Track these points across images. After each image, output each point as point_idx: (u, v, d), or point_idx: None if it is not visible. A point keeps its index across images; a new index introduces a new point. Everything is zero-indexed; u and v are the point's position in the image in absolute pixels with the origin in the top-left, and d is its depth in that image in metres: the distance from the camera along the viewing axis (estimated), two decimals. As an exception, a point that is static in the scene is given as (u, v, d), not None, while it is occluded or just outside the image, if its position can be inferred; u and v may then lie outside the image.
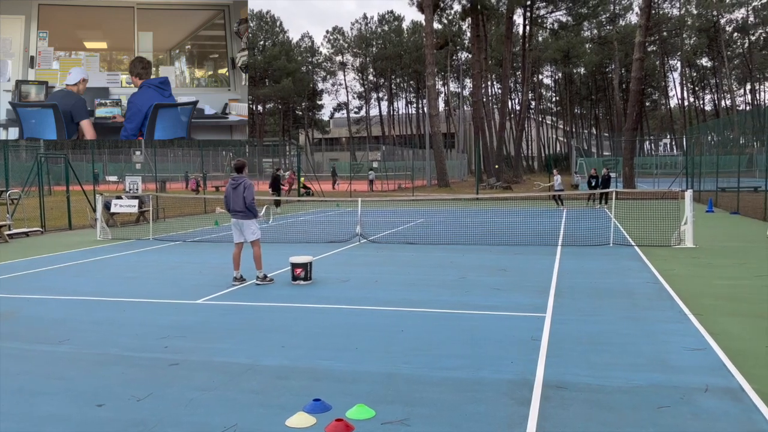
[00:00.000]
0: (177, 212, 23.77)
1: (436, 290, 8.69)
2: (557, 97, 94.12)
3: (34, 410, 4.53)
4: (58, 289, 9.24)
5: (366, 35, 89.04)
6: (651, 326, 6.58)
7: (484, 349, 5.82)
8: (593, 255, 11.79)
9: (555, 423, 4.14)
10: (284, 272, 9.90)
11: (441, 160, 44.47)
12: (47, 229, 18.03)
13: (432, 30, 45.85)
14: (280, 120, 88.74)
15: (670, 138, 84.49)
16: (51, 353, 5.97)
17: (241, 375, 5.22)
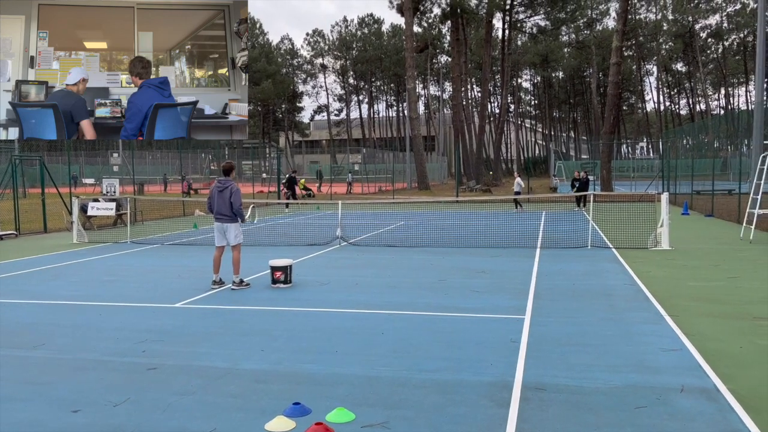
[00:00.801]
0: (155, 215, 23.51)
1: (416, 293, 8.71)
2: (536, 100, 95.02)
3: (8, 416, 4.44)
4: (33, 293, 9.09)
5: (346, 38, 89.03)
6: (628, 327, 6.66)
7: (464, 352, 5.85)
8: (572, 257, 11.90)
9: (534, 424, 4.17)
10: (264, 275, 9.84)
11: (421, 163, 44.59)
12: (22, 232, 17.73)
13: (412, 33, 45.99)
14: (260, 122, 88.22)
15: (646, 141, 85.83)
16: (25, 358, 5.87)
17: (220, 379, 5.17)
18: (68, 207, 18.37)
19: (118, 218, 19.53)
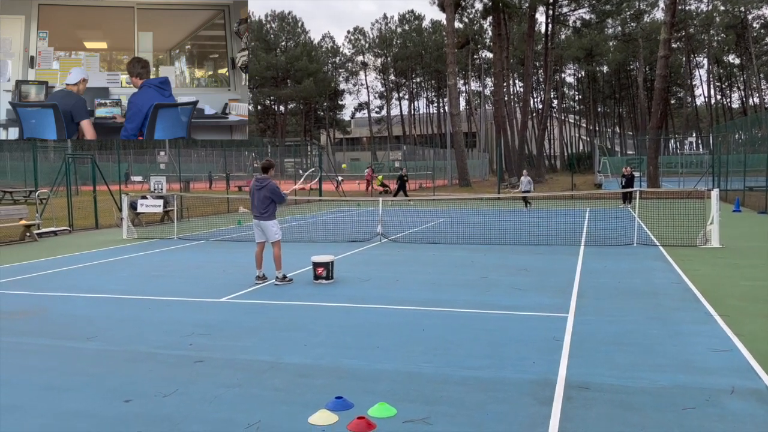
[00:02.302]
0: (200, 212, 24.04)
1: (457, 290, 8.68)
2: (580, 95, 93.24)
3: (62, 406, 4.63)
4: (85, 287, 9.42)
5: (386, 35, 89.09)
6: (676, 327, 6.50)
7: (505, 349, 5.81)
8: (617, 255, 11.67)
9: (578, 423, 4.12)
10: (306, 271, 9.97)
11: (462, 160, 44.32)
12: (75, 229, 18.36)
13: (453, 29, 45.73)
14: (301, 120, 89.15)
15: (695, 136, 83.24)
16: (79, 349, 6.09)
17: (264, 372, 5.27)
18: (118, 204, 18.95)
19: (165, 215, 20.04)
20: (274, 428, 4.15)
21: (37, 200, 19.35)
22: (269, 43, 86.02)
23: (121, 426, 4.23)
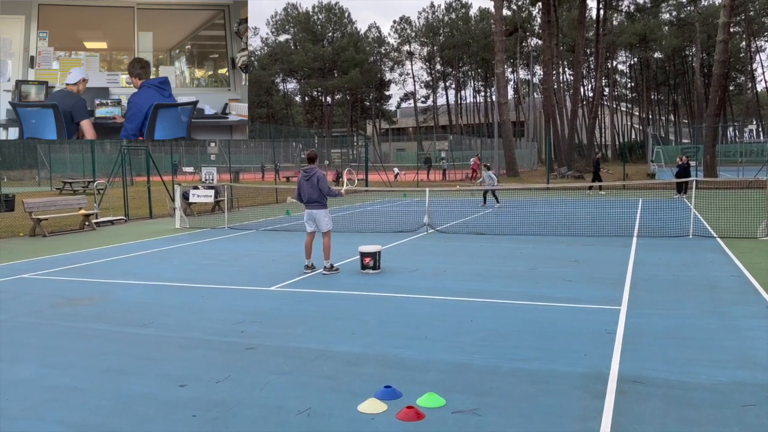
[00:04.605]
0: (250, 202, 24.48)
1: (505, 281, 8.60)
2: (632, 83, 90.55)
3: (122, 388, 4.81)
4: (141, 274, 9.73)
5: (433, 24, 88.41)
6: (735, 321, 6.28)
7: (556, 342, 5.73)
8: (671, 247, 11.33)
9: (631, 418, 4.04)
10: (353, 261, 10.04)
11: (510, 149, 43.71)
12: (130, 218, 18.97)
13: (501, 17, 45.02)
14: (348, 111, 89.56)
15: (756, 124, 79.72)
16: (137, 335, 6.31)
17: (314, 360, 5.35)
18: (171, 194, 19.47)
19: (216, 205, 20.48)
20: (324, 416, 4.20)
21: (95, 191, 20.08)
22: (316, 34, 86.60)
23: (177, 410, 4.36)
